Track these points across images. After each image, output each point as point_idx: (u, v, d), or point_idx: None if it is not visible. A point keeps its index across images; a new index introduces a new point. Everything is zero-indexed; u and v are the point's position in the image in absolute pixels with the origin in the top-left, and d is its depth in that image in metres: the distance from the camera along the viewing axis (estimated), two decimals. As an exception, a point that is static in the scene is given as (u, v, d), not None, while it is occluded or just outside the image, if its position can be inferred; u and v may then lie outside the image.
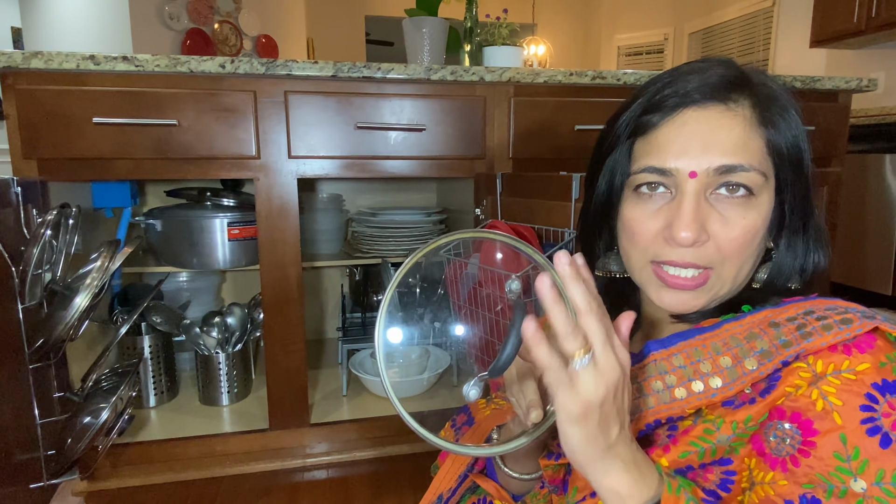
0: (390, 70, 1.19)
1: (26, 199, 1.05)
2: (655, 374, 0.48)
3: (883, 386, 0.40)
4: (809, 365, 0.42)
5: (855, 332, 0.41)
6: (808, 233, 0.52)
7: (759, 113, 0.49)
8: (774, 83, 0.52)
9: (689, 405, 0.45)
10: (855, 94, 1.51)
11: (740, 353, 0.45)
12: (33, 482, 1.05)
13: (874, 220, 2.67)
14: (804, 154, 0.51)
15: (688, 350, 0.47)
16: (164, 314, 1.43)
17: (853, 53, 3.41)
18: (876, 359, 0.41)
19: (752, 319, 0.46)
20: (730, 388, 0.44)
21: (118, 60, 1.08)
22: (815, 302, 0.46)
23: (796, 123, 0.51)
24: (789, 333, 0.43)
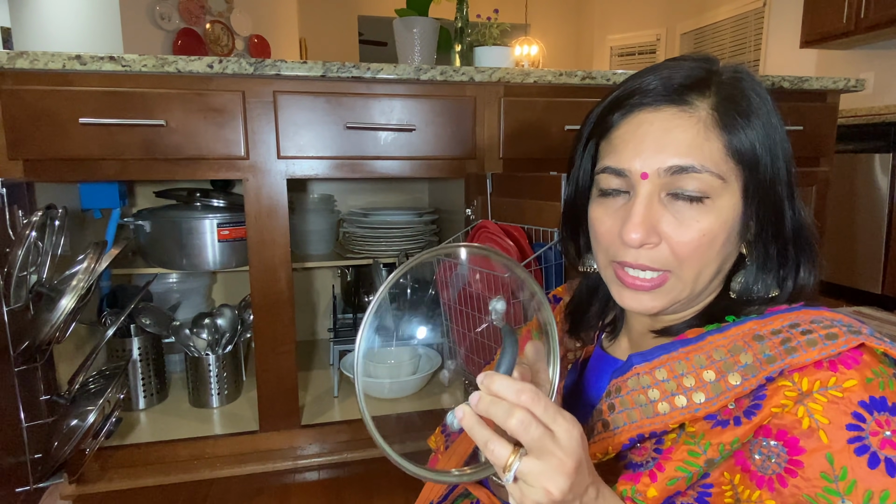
0: (380, 70, 1.18)
1: (12, 201, 1.04)
2: (638, 388, 0.47)
3: (870, 403, 0.39)
4: (795, 383, 0.41)
5: (840, 348, 0.40)
6: (785, 243, 0.49)
7: (718, 115, 0.47)
8: (751, 85, 0.50)
9: (672, 420, 0.45)
10: (843, 94, 1.52)
11: (724, 368, 0.44)
12: (20, 486, 1.04)
13: (864, 219, 2.69)
14: (775, 161, 0.48)
15: (671, 364, 0.46)
16: (153, 316, 1.42)
17: (843, 54, 3.44)
18: (863, 375, 0.40)
19: (737, 332, 0.45)
20: (713, 404, 0.43)
21: (105, 60, 1.07)
22: (800, 313, 0.45)
23: (768, 129, 0.48)
24: (773, 348, 0.43)
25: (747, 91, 0.49)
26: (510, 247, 1.07)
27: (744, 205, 0.48)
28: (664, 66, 0.50)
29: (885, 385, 0.40)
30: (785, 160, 0.49)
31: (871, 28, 2.89)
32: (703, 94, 0.48)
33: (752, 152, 0.47)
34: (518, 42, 5.04)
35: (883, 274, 2.60)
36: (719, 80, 0.50)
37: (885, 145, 2.58)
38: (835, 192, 2.80)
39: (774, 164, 0.48)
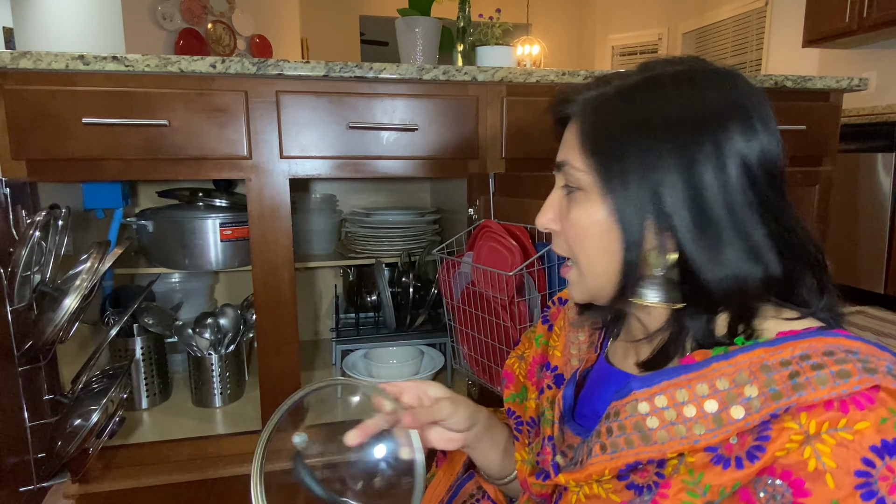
0: (382, 70, 1.18)
1: (15, 201, 1.05)
2: (637, 415, 0.46)
3: (882, 447, 0.37)
4: (801, 426, 0.39)
5: (852, 388, 0.38)
6: (711, 245, 0.46)
7: (578, 122, 0.51)
8: (617, 82, 0.49)
9: (670, 449, 0.43)
10: (846, 93, 1.51)
11: (727, 399, 0.42)
12: (23, 485, 1.05)
13: (866, 218, 2.68)
14: (623, 164, 0.47)
15: (671, 391, 0.45)
16: (156, 315, 1.43)
17: (845, 53, 3.43)
18: (877, 415, 0.37)
19: (743, 359, 0.43)
20: (714, 436, 0.42)
21: (108, 60, 1.07)
22: (814, 341, 0.42)
23: (626, 131, 0.47)
24: (781, 382, 0.40)
25: (601, 90, 0.50)
26: (513, 246, 1.07)
27: (617, 214, 0.47)
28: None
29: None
30: (639, 151, 0.47)
31: (873, 27, 2.88)
32: (570, 103, 0.53)
33: (593, 145, 0.49)
34: (520, 42, 5.04)
35: (886, 273, 2.60)
36: (579, 87, 0.52)
37: (887, 145, 2.57)
38: (837, 192, 2.80)
39: (618, 153, 0.47)
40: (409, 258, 1.57)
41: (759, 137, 0.47)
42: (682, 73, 0.48)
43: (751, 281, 0.46)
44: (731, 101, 0.47)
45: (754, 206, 0.47)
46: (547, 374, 0.67)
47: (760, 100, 0.49)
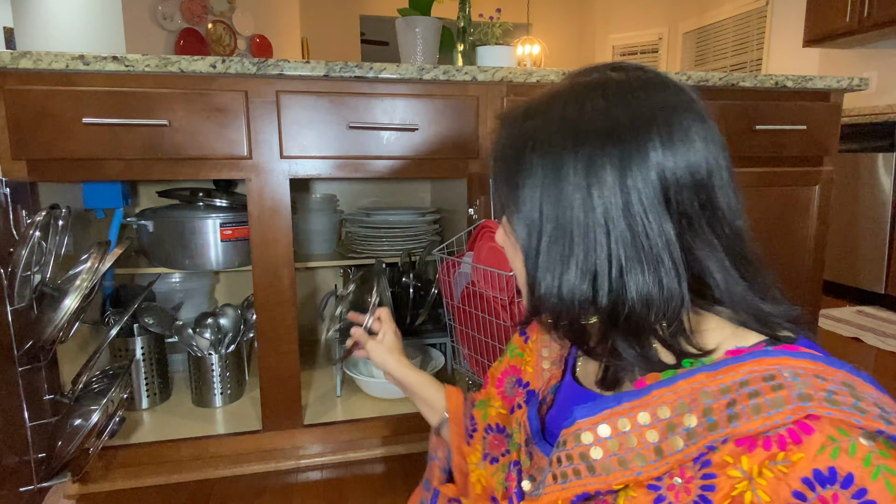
0: (382, 70, 1.18)
1: (15, 201, 1.05)
2: (581, 445, 0.45)
3: (814, 478, 0.35)
4: (744, 472, 0.38)
5: (784, 419, 0.36)
6: (566, 266, 0.45)
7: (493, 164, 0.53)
8: (537, 153, 0.48)
9: (615, 481, 0.43)
10: (847, 93, 1.51)
11: (668, 429, 0.41)
12: (24, 485, 1.04)
13: (867, 218, 2.68)
14: (516, 185, 0.47)
15: (614, 420, 0.44)
16: (156, 315, 1.43)
17: (846, 53, 3.43)
18: (814, 445, 0.36)
19: (685, 385, 0.42)
20: (655, 468, 0.41)
21: (108, 60, 1.07)
22: (755, 363, 0.40)
23: (518, 151, 0.48)
24: (718, 412, 0.39)
25: (515, 151, 0.49)
26: (513, 246, 1.07)
27: (516, 231, 0.48)
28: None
29: (842, 451, 0.35)
30: (502, 172, 0.49)
31: (874, 27, 2.88)
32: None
33: (506, 189, 0.49)
34: (520, 41, 5.04)
35: (886, 273, 2.60)
36: (509, 114, 0.52)
37: (888, 144, 2.57)
38: (838, 192, 2.80)
39: (497, 172, 0.49)
40: (409, 258, 1.57)
41: (657, 158, 0.43)
42: (585, 85, 0.47)
43: (581, 303, 0.44)
44: (625, 119, 0.44)
45: (638, 226, 0.43)
46: (519, 392, 0.66)
47: (673, 116, 0.44)
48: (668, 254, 0.43)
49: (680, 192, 0.44)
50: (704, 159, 0.45)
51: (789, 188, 1.49)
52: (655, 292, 0.43)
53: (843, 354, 2.01)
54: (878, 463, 0.34)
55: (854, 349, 2.08)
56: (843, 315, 2.50)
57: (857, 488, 0.33)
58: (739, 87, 1.39)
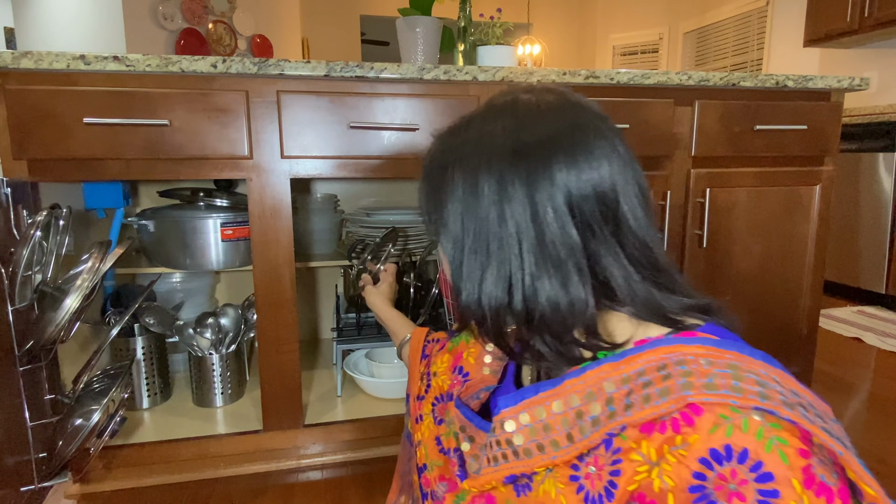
0: (383, 69, 1.18)
1: (16, 200, 1.05)
2: (505, 432, 0.49)
3: (711, 457, 0.36)
4: (644, 456, 0.40)
5: (669, 408, 0.39)
6: (482, 276, 0.50)
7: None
8: (458, 174, 0.53)
9: (536, 465, 0.46)
10: (847, 93, 1.51)
11: (576, 416, 0.44)
12: (24, 485, 1.05)
13: (867, 218, 2.68)
14: (439, 203, 0.53)
15: (533, 408, 0.47)
16: (157, 315, 1.43)
17: (846, 53, 3.43)
18: (708, 424, 0.37)
19: (591, 376, 0.45)
20: (567, 453, 0.44)
21: (109, 60, 1.07)
22: (652, 353, 0.43)
23: (439, 170, 0.53)
24: (618, 401, 0.42)
25: (439, 169, 0.53)
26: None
27: (443, 247, 0.53)
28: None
29: (735, 429, 0.36)
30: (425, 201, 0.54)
31: (874, 27, 2.88)
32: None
33: (431, 208, 0.54)
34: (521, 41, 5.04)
35: (887, 273, 2.60)
36: (428, 162, 0.56)
37: (888, 144, 2.57)
38: (838, 192, 2.80)
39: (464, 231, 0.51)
40: (409, 258, 1.57)
41: (561, 174, 0.47)
42: (498, 107, 0.52)
43: (498, 308, 0.49)
44: (528, 139, 0.48)
45: (546, 237, 0.47)
46: (458, 379, 0.69)
47: (577, 136, 0.48)
48: (574, 262, 0.47)
49: (584, 206, 0.47)
50: (609, 176, 0.48)
51: (790, 188, 1.49)
52: (562, 297, 0.47)
53: (844, 355, 2.01)
54: (770, 435, 0.36)
55: (855, 349, 2.08)
56: (844, 315, 2.50)
57: (754, 462, 0.35)
58: (740, 87, 1.39)
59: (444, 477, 0.63)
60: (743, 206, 1.46)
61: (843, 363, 1.94)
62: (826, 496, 0.34)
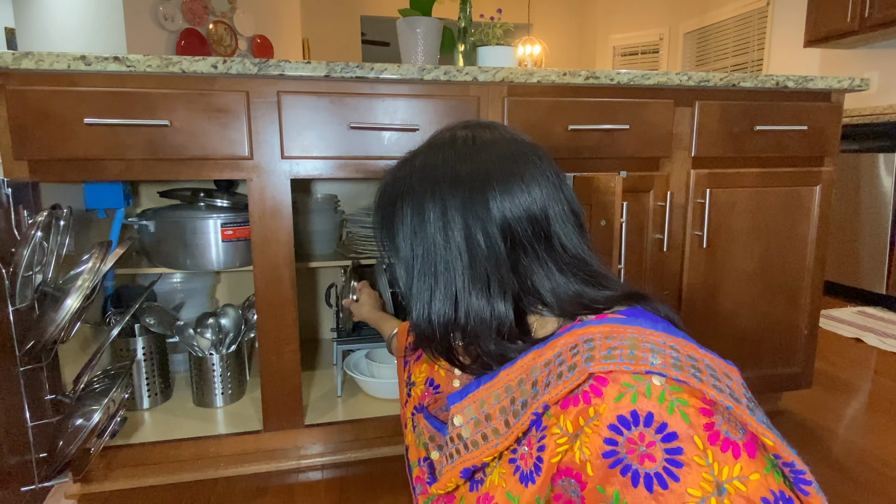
0: (383, 70, 1.18)
1: (17, 201, 1.05)
2: (456, 427, 0.51)
3: (619, 422, 0.39)
4: (563, 429, 0.42)
5: (575, 381, 0.42)
6: (430, 292, 0.55)
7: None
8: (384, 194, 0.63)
9: (483, 454, 0.48)
10: (848, 93, 1.51)
11: (510, 403, 0.47)
12: (25, 485, 1.05)
13: (868, 219, 2.68)
14: (390, 229, 0.59)
15: (476, 401, 0.50)
16: (157, 315, 1.43)
17: (847, 53, 3.43)
18: (613, 393, 0.40)
19: (522, 363, 0.48)
20: (505, 439, 0.46)
21: (109, 61, 1.07)
22: (568, 336, 0.46)
23: (389, 199, 0.60)
24: (540, 382, 0.45)
25: (390, 198, 0.60)
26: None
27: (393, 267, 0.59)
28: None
29: (639, 395, 0.39)
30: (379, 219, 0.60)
31: (875, 27, 2.88)
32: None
33: (377, 230, 0.62)
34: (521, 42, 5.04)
35: (887, 274, 2.60)
36: (380, 195, 0.62)
37: (888, 145, 2.57)
38: (839, 192, 2.80)
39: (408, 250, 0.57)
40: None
41: (494, 201, 0.52)
42: (439, 141, 0.58)
43: (447, 324, 0.54)
44: (464, 171, 0.54)
45: (480, 256, 0.53)
46: (429, 391, 0.72)
47: (511, 167, 0.54)
48: (497, 278, 0.52)
49: (518, 228, 0.52)
50: (540, 200, 0.53)
51: (790, 188, 1.49)
52: (486, 309, 0.52)
53: (844, 355, 2.01)
54: (671, 398, 0.39)
55: (855, 350, 2.08)
56: (844, 316, 2.50)
57: (658, 423, 0.38)
58: (740, 87, 1.39)
59: (420, 479, 0.66)
60: (743, 207, 1.46)
61: (843, 364, 1.94)
62: (732, 449, 0.37)
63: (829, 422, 1.52)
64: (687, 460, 0.36)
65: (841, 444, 1.40)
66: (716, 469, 0.36)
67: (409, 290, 0.56)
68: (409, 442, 0.74)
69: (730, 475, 0.36)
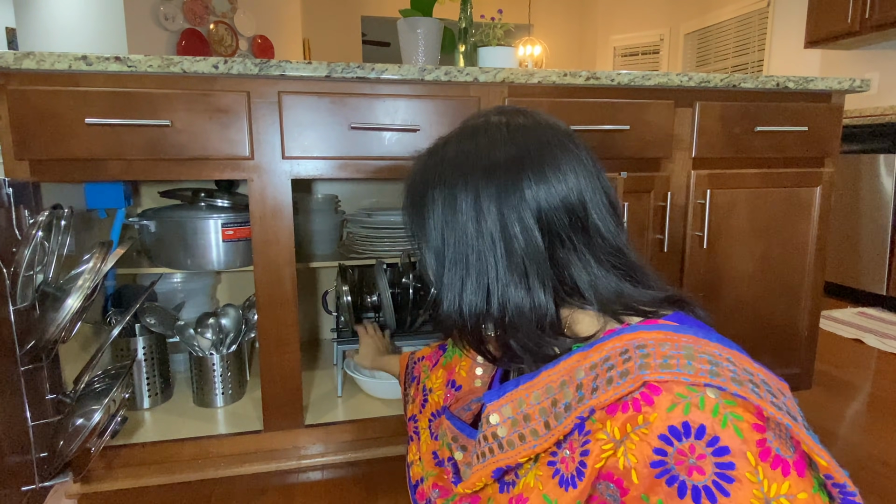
0: (384, 70, 1.18)
1: (18, 201, 1.05)
2: (491, 425, 0.50)
3: (670, 433, 0.38)
4: (609, 435, 0.41)
5: (628, 388, 0.41)
6: (463, 284, 0.53)
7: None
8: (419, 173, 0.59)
9: (519, 455, 0.48)
10: (848, 94, 1.51)
11: (552, 405, 0.46)
12: (25, 485, 1.05)
13: (868, 220, 2.68)
14: (420, 218, 0.57)
15: (514, 401, 0.49)
16: (157, 315, 1.43)
17: (847, 54, 3.43)
18: (666, 403, 0.39)
19: (565, 366, 0.47)
20: (545, 441, 0.46)
21: (111, 61, 1.07)
22: (616, 341, 0.45)
23: (421, 186, 0.57)
24: (587, 386, 0.44)
25: (420, 187, 0.58)
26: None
27: (421, 256, 0.57)
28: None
29: (692, 406, 0.38)
30: (411, 204, 0.58)
31: (876, 28, 2.88)
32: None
33: (412, 221, 0.60)
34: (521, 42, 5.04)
35: (887, 275, 2.60)
36: (410, 183, 0.60)
37: (889, 146, 2.57)
38: (839, 193, 2.80)
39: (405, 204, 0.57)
40: (409, 259, 1.57)
41: (530, 189, 0.51)
42: (472, 128, 0.56)
43: (478, 315, 0.52)
44: (500, 158, 0.52)
45: (515, 247, 0.51)
46: (451, 392, 0.71)
47: (546, 154, 0.52)
48: (536, 270, 0.51)
49: (554, 218, 0.51)
50: (576, 189, 0.52)
51: (790, 189, 1.49)
52: (527, 301, 0.51)
53: (844, 356, 2.01)
54: (725, 412, 0.38)
55: (855, 351, 2.08)
56: (844, 316, 2.50)
57: (710, 437, 0.37)
58: (741, 88, 1.40)
59: (437, 485, 0.66)
60: (744, 208, 1.46)
61: (843, 365, 1.94)
62: (782, 467, 0.36)
63: (828, 423, 1.52)
64: (738, 476, 0.36)
65: (841, 446, 1.40)
66: (765, 486, 0.36)
67: (439, 280, 0.54)
68: (420, 452, 0.74)
69: (777, 493, 0.36)
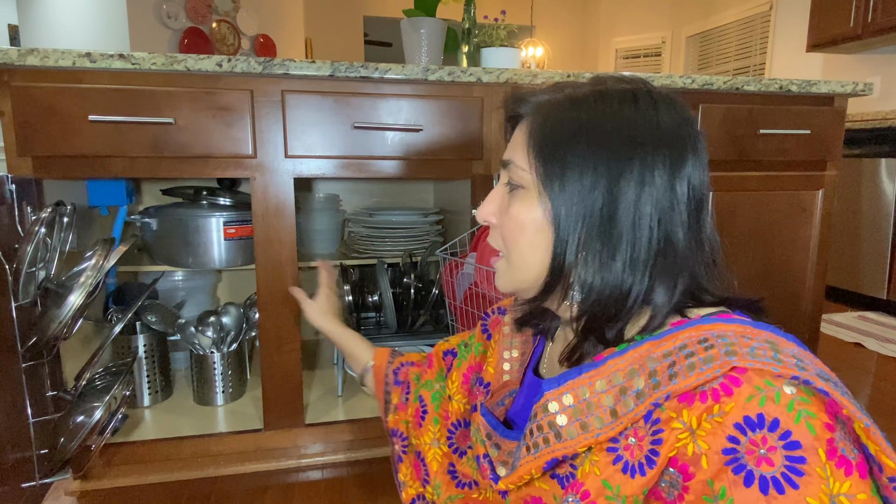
0: (388, 70, 1.19)
1: (21, 197, 1.05)
2: (549, 414, 0.49)
3: (745, 424, 0.39)
4: (685, 424, 0.41)
5: (714, 373, 0.41)
6: (611, 253, 0.48)
7: (528, 122, 0.53)
8: (569, 90, 0.52)
9: (579, 444, 0.47)
10: (851, 98, 1.51)
11: (620, 392, 0.45)
12: (26, 481, 1.05)
13: (869, 223, 2.68)
14: (563, 167, 0.49)
15: (576, 389, 0.48)
16: (158, 313, 1.43)
17: (850, 58, 3.43)
18: (743, 395, 0.40)
19: (634, 354, 0.46)
20: (611, 429, 0.45)
21: (114, 58, 1.08)
22: (693, 331, 0.45)
23: (569, 137, 0.49)
24: (662, 372, 0.44)
25: (560, 104, 0.52)
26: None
27: (551, 214, 0.50)
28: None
29: (768, 399, 0.39)
30: (581, 168, 0.49)
31: (878, 32, 2.88)
32: (522, 107, 0.55)
33: (543, 156, 0.50)
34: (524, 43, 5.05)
35: (888, 279, 2.60)
36: (528, 98, 0.54)
37: (890, 150, 2.57)
38: (841, 197, 2.80)
39: (561, 170, 0.49)
40: (410, 259, 1.57)
41: (686, 164, 0.49)
42: (628, 92, 0.51)
43: (630, 290, 0.49)
44: (666, 127, 0.49)
45: (663, 224, 0.48)
46: (480, 391, 0.71)
47: (694, 131, 0.50)
48: (674, 258, 0.49)
49: (692, 203, 0.49)
50: (704, 171, 0.50)
51: (792, 192, 1.49)
52: (638, 290, 0.49)
53: (845, 360, 2.01)
54: (799, 408, 0.38)
55: (855, 354, 2.08)
56: (845, 320, 2.50)
57: (783, 431, 0.38)
58: (743, 91, 1.40)
59: (465, 478, 0.65)
60: (746, 210, 1.46)
61: (843, 368, 1.94)
62: (846, 467, 0.37)
63: (829, 426, 1.52)
64: (809, 470, 0.37)
65: (841, 449, 1.40)
66: (831, 483, 0.37)
67: (572, 243, 0.49)
68: (404, 478, 0.75)
69: (839, 491, 0.37)
